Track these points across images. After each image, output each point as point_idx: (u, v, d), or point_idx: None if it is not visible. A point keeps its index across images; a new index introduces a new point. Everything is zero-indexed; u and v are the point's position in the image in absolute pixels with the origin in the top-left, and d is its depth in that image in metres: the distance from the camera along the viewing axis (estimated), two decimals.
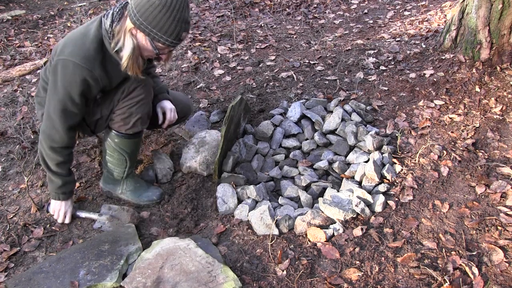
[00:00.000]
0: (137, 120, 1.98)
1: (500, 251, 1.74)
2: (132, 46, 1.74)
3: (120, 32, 1.75)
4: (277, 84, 3.09)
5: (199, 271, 1.70)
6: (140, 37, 1.74)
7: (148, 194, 2.18)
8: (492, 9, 2.82)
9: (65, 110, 1.81)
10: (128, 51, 1.74)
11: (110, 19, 1.76)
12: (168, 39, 1.72)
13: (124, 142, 2.05)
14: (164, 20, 1.66)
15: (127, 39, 1.74)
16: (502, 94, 2.74)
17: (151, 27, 1.68)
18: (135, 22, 1.69)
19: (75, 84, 1.76)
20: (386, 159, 2.32)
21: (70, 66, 1.73)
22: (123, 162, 2.11)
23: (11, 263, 1.86)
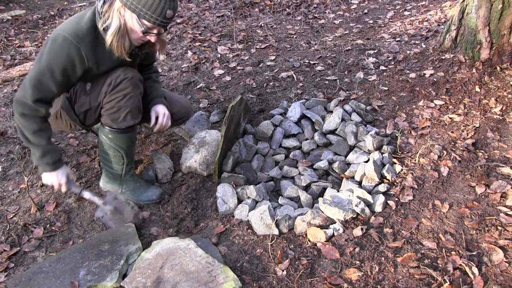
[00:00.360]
0: (126, 114, 1.98)
1: (500, 251, 1.74)
2: (117, 23, 1.77)
3: (108, 11, 1.78)
4: (277, 84, 3.09)
5: (199, 271, 1.70)
6: (128, 16, 1.78)
7: (148, 194, 2.18)
8: (492, 9, 2.82)
9: (40, 82, 1.79)
10: (112, 29, 1.77)
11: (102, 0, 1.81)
12: (153, 15, 1.75)
13: (118, 137, 2.05)
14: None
15: (114, 18, 1.78)
16: (502, 94, 2.74)
17: (136, 2, 1.72)
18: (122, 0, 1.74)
19: (59, 58, 1.77)
20: (386, 159, 2.32)
21: (59, 39, 1.76)
22: (120, 159, 2.11)
23: (11, 263, 1.86)
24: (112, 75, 1.93)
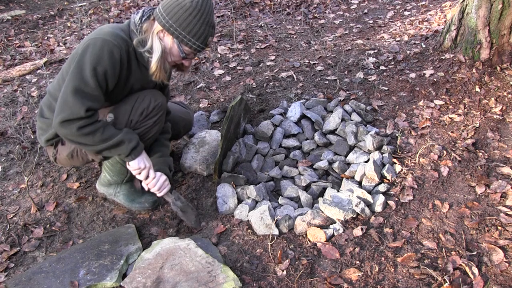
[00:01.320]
0: (149, 138, 1.94)
1: (500, 251, 1.74)
2: (161, 49, 1.73)
3: (147, 32, 1.74)
4: (277, 84, 3.09)
5: (199, 271, 1.70)
6: (167, 40, 1.74)
7: (141, 200, 2.13)
8: (492, 9, 2.82)
9: (83, 91, 1.64)
10: (157, 54, 1.73)
11: (140, 14, 1.77)
12: (196, 42, 1.73)
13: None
14: (194, 23, 1.68)
15: (155, 42, 1.74)
16: (502, 94, 2.74)
17: (181, 29, 1.69)
18: (164, 24, 1.70)
19: (102, 59, 1.66)
20: (386, 159, 2.32)
21: (99, 42, 1.66)
22: (124, 172, 2.06)
23: (11, 263, 1.86)
24: (140, 103, 1.84)
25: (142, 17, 1.76)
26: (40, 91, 3.30)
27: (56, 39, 4.40)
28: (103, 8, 5.13)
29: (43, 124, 1.95)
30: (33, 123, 2.85)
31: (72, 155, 1.97)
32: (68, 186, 2.29)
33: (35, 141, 2.67)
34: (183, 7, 1.66)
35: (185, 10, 1.67)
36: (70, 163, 2.03)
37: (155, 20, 1.74)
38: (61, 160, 2.01)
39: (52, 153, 2.00)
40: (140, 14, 1.77)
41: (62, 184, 2.31)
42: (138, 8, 4.93)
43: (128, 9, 4.94)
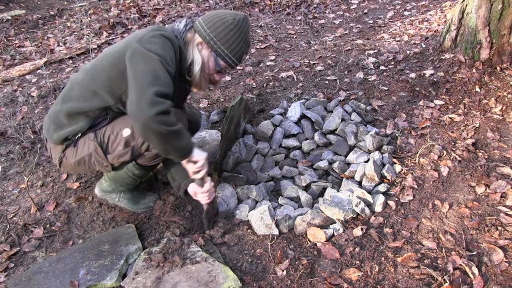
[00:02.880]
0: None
1: (500, 251, 1.74)
2: (201, 60, 1.77)
3: (190, 41, 1.77)
4: (277, 84, 3.09)
5: (199, 271, 1.70)
6: (205, 53, 1.78)
7: (145, 201, 2.16)
8: (492, 9, 2.82)
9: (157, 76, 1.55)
10: (199, 66, 1.77)
11: (184, 23, 1.80)
12: (233, 58, 1.78)
13: (143, 173, 2.00)
14: (233, 39, 1.73)
15: (196, 53, 1.77)
16: (502, 94, 2.74)
17: (220, 43, 1.73)
18: (205, 37, 1.73)
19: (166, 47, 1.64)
20: (386, 159, 2.32)
21: (156, 37, 1.64)
22: (133, 183, 2.07)
23: (11, 263, 1.86)
24: None
25: (186, 26, 1.79)
26: (40, 91, 3.30)
27: (56, 39, 4.40)
28: (103, 8, 5.13)
29: (64, 119, 1.83)
30: (33, 123, 2.85)
31: (79, 163, 1.88)
32: (68, 186, 2.29)
33: (35, 141, 2.67)
34: (225, 23, 1.72)
35: (226, 26, 1.72)
36: (75, 170, 1.96)
37: (195, 32, 1.77)
38: (66, 165, 1.93)
39: (59, 156, 1.91)
40: (184, 23, 1.80)
41: (62, 184, 2.31)
42: (138, 8, 4.93)
43: (128, 9, 4.94)
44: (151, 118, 1.48)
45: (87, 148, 1.84)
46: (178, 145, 1.62)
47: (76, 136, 1.84)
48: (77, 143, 1.85)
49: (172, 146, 1.60)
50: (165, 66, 1.58)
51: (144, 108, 1.48)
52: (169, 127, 1.52)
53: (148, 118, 1.48)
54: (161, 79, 1.55)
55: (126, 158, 1.85)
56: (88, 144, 1.83)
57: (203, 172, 1.79)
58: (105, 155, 1.84)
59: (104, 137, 1.82)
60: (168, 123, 1.52)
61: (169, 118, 1.53)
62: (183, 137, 1.62)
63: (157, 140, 1.57)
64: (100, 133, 1.82)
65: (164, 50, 1.62)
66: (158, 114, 1.49)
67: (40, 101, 3.15)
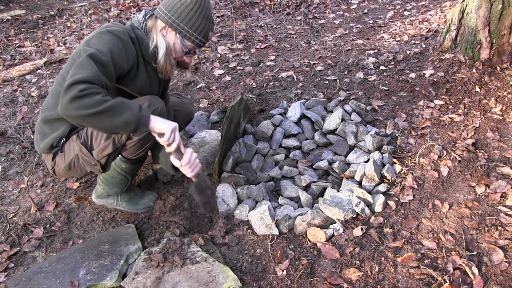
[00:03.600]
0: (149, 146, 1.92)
1: (500, 251, 1.74)
2: (165, 45, 1.77)
3: (152, 28, 1.78)
4: (277, 84, 3.09)
5: (199, 271, 1.70)
6: (170, 36, 1.78)
7: (145, 201, 2.16)
8: (492, 9, 2.82)
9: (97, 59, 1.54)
10: (163, 50, 1.77)
11: (142, 13, 1.82)
12: (198, 36, 1.78)
13: (132, 167, 1.99)
14: (195, 18, 1.74)
15: (160, 39, 1.78)
16: (502, 94, 2.74)
17: (183, 24, 1.74)
18: (167, 20, 1.74)
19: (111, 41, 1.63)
20: (386, 159, 2.31)
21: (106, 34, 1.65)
22: (125, 182, 2.06)
23: (11, 263, 1.86)
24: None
25: (145, 15, 1.81)
26: (40, 91, 3.30)
27: (56, 39, 4.40)
28: (103, 8, 5.13)
29: (45, 127, 1.88)
30: (33, 123, 2.85)
31: (70, 167, 1.93)
32: (68, 186, 2.29)
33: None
34: (184, 3, 1.73)
35: (186, 6, 1.73)
36: (68, 174, 2.00)
37: (157, 18, 1.78)
38: (59, 172, 1.98)
39: (51, 164, 1.96)
40: (143, 13, 1.83)
41: (62, 184, 2.31)
42: (138, 8, 4.93)
43: (128, 9, 4.94)
44: (66, 106, 1.46)
45: (73, 150, 1.88)
46: (116, 122, 1.52)
47: (60, 142, 1.88)
48: (63, 148, 1.90)
49: (110, 125, 1.53)
50: (94, 58, 1.53)
51: (61, 98, 1.47)
52: (90, 109, 1.46)
53: (64, 106, 1.47)
54: (83, 68, 1.50)
55: (109, 150, 1.86)
56: (72, 146, 1.88)
57: (175, 144, 1.68)
58: (90, 152, 1.88)
59: (87, 135, 1.86)
60: (87, 105, 1.46)
61: (87, 99, 1.46)
62: (119, 112, 1.52)
63: (87, 124, 1.54)
64: (83, 132, 1.86)
65: (105, 44, 1.61)
66: (72, 99, 1.45)
67: (40, 101, 3.15)
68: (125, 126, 1.54)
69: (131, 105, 1.57)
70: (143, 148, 1.90)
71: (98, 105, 1.47)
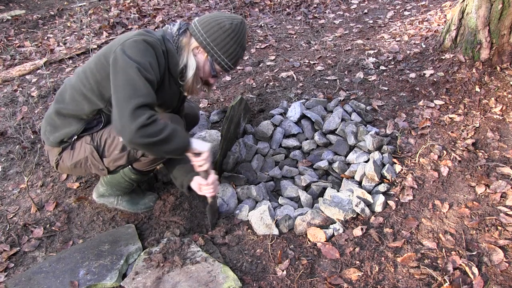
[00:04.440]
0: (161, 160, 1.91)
1: (500, 251, 1.74)
2: (196, 65, 1.77)
3: (185, 46, 1.76)
4: (277, 84, 3.09)
5: (199, 271, 1.70)
6: (201, 57, 1.78)
7: (145, 201, 2.16)
8: (492, 9, 2.82)
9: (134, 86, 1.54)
10: (192, 70, 1.77)
11: (177, 26, 1.79)
12: (228, 62, 1.78)
13: (139, 177, 2.00)
14: (230, 45, 1.73)
15: (190, 58, 1.77)
16: (502, 94, 2.74)
17: (217, 48, 1.73)
18: (202, 41, 1.73)
19: (146, 53, 1.61)
20: (386, 159, 2.31)
21: (139, 42, 1.62)
22: (130, 188, 2.07)
23: (11, 263, 1.86)
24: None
25: (180, 29, 1.78)
26: (40, 91, 3.30)
27: (56, 39, 4.40)
28: (103, 8, 5.13)
29: (58, 120, 1.84)
30: (33, 123, 2.85)
31: (76, 166, 1.90)
32: (68, 186, 2.29)
33: (35, 141, 2.67)
34: (223, 27, 1.71)
35: (224, 31, 1.71)
36: (71, 172, 1.98)
37: (191, 36, 1.76)
38: (62, 167, 1.95)
39: (55, 158, 1.93)
40: (178, 26, 1.80)
41: (62, 184, 2.31)
42: (138, 8, 4.93)
43: (128, 9, 4.94)
44: (134, 133, 1.49)
45: (84, 151, 1.85)
46: (170, 149, 1.61)
47: (72, 139, 1.85)
48: (74, 145, 1.87)
49: (164, 151, 1.61)
50: (144, 75, 1.56)
51: (125, 124, 1.50)
52: (153, 138, 1.53)
53: (131, 133, 1.49)
54: (140, 89, 1.54)
55: (122, 162, 1.85)
56: (84, 147, 1.84)
57: (207, 165, 1.77)
58: (101, 158, 1.85)
59: (101, 141, 1.83)
60: (152, 134, 1.52)
61: (152, 128, 1.52)
62: (174, 138, 1.60)
63: (146, 150, 1.62)
64: (97, 136, 1.83)
65: (145, 57, 1.61)
66: (140, 128, 1.49)
67: (40, 101, 3.15)
68: (176, 151, 1.64)
69: (180, 130, 1.66)
70: (156, 163, 1.91)
71: (161, 133, 1.55)
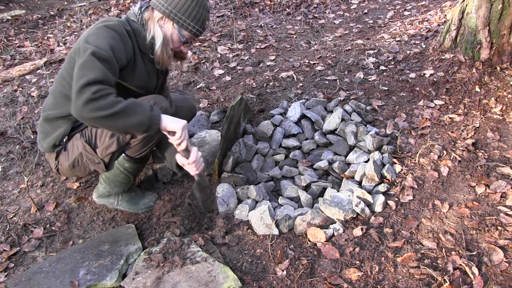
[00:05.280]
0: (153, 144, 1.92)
1: (500, 251, 1.74)
2: (162, 35, 1.77)
3: (149, 20, 1.78)
4: (277, 84, 3.09)
5: (199, 271, 1.70)
6: (168, 26, 1.78)
7: (145, 201, 2.16)
8: (492, 9, 2.82)
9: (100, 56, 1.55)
10: (160, 40, 1.77)
11: (138, 5, 1.81)
12: (195, 26, 1.79)
13: (134, 166, 1.99)
14: (192, 7, 1.75)
15: (157, 30, 1.78)
16: (502, 94, 2.74)
17: (180, 14, 1.74)
18: (164, 11, 1.74)
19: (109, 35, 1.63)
20: (386, 159, 2.31)
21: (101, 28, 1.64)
22: (127, 182, 2.06)
23: (11, 263, 1.86)
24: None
25: (141, 7, 1.81)
26: (40, 91, 3.30)
27: (56, 39, 4.40)
28: (103, 8, 5.13)
29: (47, 126, 1.90)
30: (33, 123, 2.85)
31: (74, 165, 1.93)
32: (68, 186, 2.29)
33: (35, 141, 2.67)
34: None
35: None
36: (72, 173, 2.00)
37: (154, 10, 1.78)
38: (63, 171, 1.98)
39: (54, 164, 1.97)
40: (138, 5, 1.82)
41: (62, 184, 2.31)
42: None
43: (128, 9, 4.94)
44: (81, 108, 1.48)
45: (77, 149, 1.88)
46: (130, 123, 1.56)
47: (63, 140, 1.88)
48: (66, 146, 1.90)
49: (123, 126, 1.56)
50: (98, 55, 1.54)
51: (73, 102, 1.49)
52: (104, 111, 1.49)
53: (78, 109, 1.49)
54: (90, 68, 1.52)
55: (113, 148, 1.86)
56: (76, 144, 1.88)
57: (184, 143, 1.74)
58: (94, 150, 1.88)
59: (91, 134, 1.86)
60: (101, 107, 1.48)
61: (101, 102, 1.48)
62: (132, 112, 1.56)
63: (103, 125, 1.58)
64: (87, 131, 1.86)
65: (104, 40, 1.61)
66: (87, 102, 1.47)
67: (40, 101, 3.15)
68: (138, 126, 1.59)
69: (143, 105, 1.61)
70: (147, 146, 1.90)
71: (113, 107, 1.51)
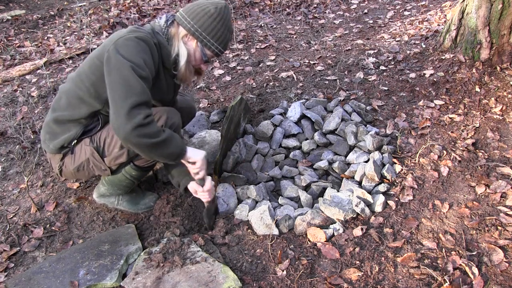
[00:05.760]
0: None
1: (500, 251, 1.74)
2: (187, 53, 1.79)
3: (174, 36, 1.78)
4: (277, 84, 3.09)
5: (199, 271, 1.70)
6: (191, 44, 1.80)
7: (145, 201, 2.16)
8: (492, 9, 2.82)
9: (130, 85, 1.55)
10: (184, 58, 1.79)
11: (164, 19, 1.81)
12: (219, 46, 1.80)
13: (140, 173, 2.01)
14: (218, 28, 1.76)
15: (181, 47, 1.79)
16: (502, 94, 2.74)
17: (206, 33, 1.75)
18: (190, 29, 1.75)
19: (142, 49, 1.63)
20: (386, 159, 2.31)
21: (130, 40, 1.63)
22: (131, 186, 2.07)
23: (11, 263, 1.86)
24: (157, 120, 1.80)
25: (167, 21, 1.80)
26: (40, 91, 3.30)
27: (56, 39, 4.40)
28: (103, 8, 5.13)
29: (56, 128, 1.86)
30: (33, 123, 2.85)
31: (79, 169, 1.91)
32: (68, 186, 2.29)
33: (35, 141, 2.67)
34: (208, 13, 1.73)
35: (209, 16, 1.74)
36: (75, 176, 2.00)
37: (179, 25, 1.78)
38: (66, 173, 1.97)
39: (58, 165, 1.94)
40: (165, 18, 1.82)
41: (62, 184, 2.31)
42: (138, 8, 4.93)
43: (128, 9, 4.94)
44: (130, 132, 1.52)
45: (84, 154, 1.87)
46: (165, 153, 1.64)
47: (71, 143, 1.87)
48: (74, 150, 1.88)
49: (158, 154, 1.64)
50: (138, 73, 1.58)
51: (121, 123, 1.52)
52: (150, 139, 1.55)
53: (127, 133, 1.52)
54: (135, 88, 1.55)
55: (122, 159, 1.86)
56: (84, 149, 1.86)
57: (202, 173, 1.83)
58: (102, 158, 1.86)
59: (100, 141, 1.85)
60: (148, 135, 1.55)
61: (149, 129, 1.55)
62: (170, 143, 1.64)
63: (141, 151, 1.62)
64: (96, 137, 1.85)
65: (138, 54, 1.62)
66: (136, 127, 1.51)
67: (40, 101, 3.15)
68: (169, 156, 1.67)
69: (177, 136, 1.68)
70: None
71: (158, 136, 1.58)
